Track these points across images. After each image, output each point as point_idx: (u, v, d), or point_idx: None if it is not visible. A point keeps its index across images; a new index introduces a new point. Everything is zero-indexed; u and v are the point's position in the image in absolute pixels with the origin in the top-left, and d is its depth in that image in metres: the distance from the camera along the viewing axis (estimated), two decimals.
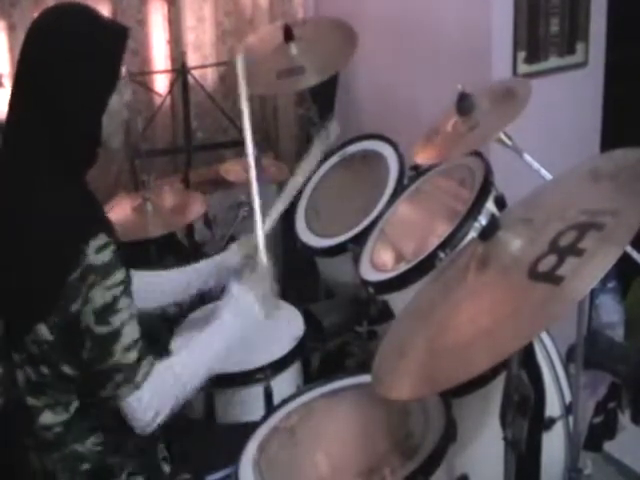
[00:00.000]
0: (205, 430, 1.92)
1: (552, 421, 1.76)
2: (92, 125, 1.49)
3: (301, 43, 2.62)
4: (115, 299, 1.42)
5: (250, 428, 1.72)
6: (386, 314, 1.96)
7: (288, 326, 2.15)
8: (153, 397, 1.46)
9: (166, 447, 1.67)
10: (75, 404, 1.51)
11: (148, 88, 2.86)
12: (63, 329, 1.43)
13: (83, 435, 1.52)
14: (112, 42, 1.49)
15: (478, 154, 1.99)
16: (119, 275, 1.43)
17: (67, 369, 1.47)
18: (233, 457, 1.63)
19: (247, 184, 2.71)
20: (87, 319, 1.41)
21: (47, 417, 1.50)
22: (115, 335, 1.42)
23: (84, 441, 1.52)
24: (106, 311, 1.41)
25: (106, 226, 1.48)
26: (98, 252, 1.40)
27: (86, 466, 1.52)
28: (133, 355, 1.44)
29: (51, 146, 1.45)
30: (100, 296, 1.40)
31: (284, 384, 2.00)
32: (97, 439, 1.52)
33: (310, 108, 2.79)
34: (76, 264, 1.38)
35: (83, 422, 1.52)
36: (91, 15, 1.51)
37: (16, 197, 1.46)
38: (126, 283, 1.45)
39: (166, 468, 1.63)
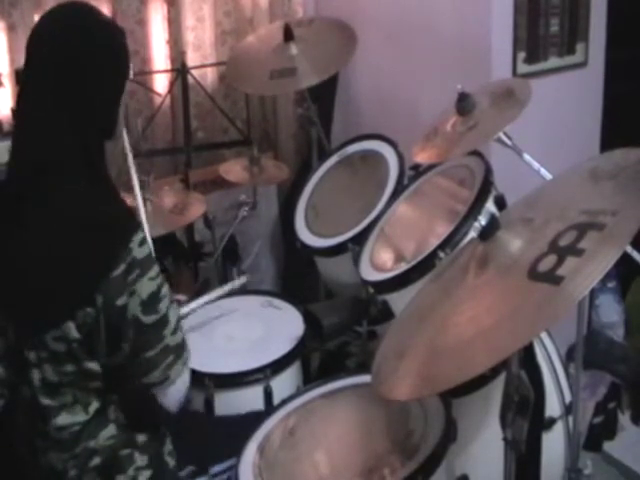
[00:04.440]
0: (206, 422, 1.93)
1: (552, 421, 1.76)
2: (112, 119, 1.52)
3: (301, 43, 2.62)
4: (159, 288, 1.46)
5: (250, 419, 1.72)
6: (386, 314, 1.96)
7: (288, 326, 2.15)
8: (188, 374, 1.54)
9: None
10: (95, 405, 1.50)
11: (148, 88, 2.86)
12: (99, 325, 1.43)
13: (97, 430, 1.52)
14: (123, 38, 1.54)
15: (478, 154, 1.99)
16: (157, 265, 1.47)
17: (94, 366, 1.47)
18: (235, 448, 1.64)
19: (247, 184, 2.76)
20: (134, 311, 1.43)
21: (63, 418, 1.49)
22: (163, 321, 1.47)
23: (97, 436, 1.52)
24: (153, 300, 1.44)
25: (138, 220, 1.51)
26: (141, 245, 1.43)
27: (96, 461, 1.52)
28: (180, 335, 1.50)
29: (76, 142, 1.46)
30: (146, 287, 1.43)
31: (284, 384, 2.00)
32: (109, 432, 1.53)
33: (310, 108, 2.79)
34: (122, 259, 1.40)
35: (100, 419, 1.52)
36: (100, 13, 1.55)
37: (50, 196, 1.45)
38: (161, 271, 1.50)
39: (171, 462, 1.63)
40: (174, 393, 1.52)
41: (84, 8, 1.53)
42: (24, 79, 1.52)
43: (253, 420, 1.79)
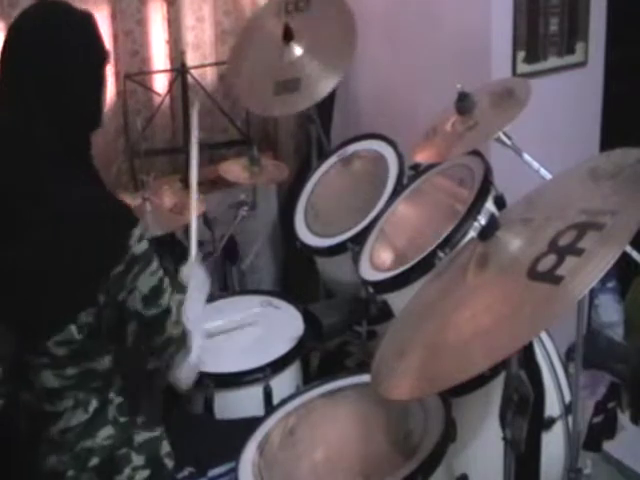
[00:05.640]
0: (205, 425, 1.93)
1: (552, 421, 1.76)
2: (96, 107, 1.53)
3: (301, 42, 2.62)
4: (161, 281, 1.48)
5: (250, 424, 1.72)
6: (386, 314, 1.96)
7: (288, 326, 2.15)
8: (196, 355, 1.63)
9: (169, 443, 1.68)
10: (94, 404, 1.51)
11: (147, 88, 2.86)
12: (100, 322, 1.44)
13: (95, 430, 1.52)
14: (96, 26, 1.54)
15: (478, 154, 1.99)
16: (156, 258, 1.49)
17: (96, 365, 1.48)
18: (234, 452, 1.64)
19: (247, 184, 2.76)
20: (135, 305, 1.45)
21: (66, 421, 1.51)
22: (165, 313, 1.51)
23: (95, 435, 1.52)
24: (154, 294, 1.47)
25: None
26: (139, 241, 1.44)
27: (94, 461, 1.53)
28: (182, 325, 1.55)
29: (64, 139, 1.46)
30: (147, 282, 1.46)
31: (283, 384, 2.00)
32: (107, 432, 1.53)
33: (309, 107, 2.79)
34: (121, 257, 1.41)
35: (98, 418, 1.52)
36: (72, 7, 1.54)
37: (43, 194, 1.44)
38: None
39: (170, 463, 1.63)
40: (182, 374, 1.61)
41: (57, 6, 1.53)
42: (6, 76, 1.49)
43: (254, 425, 1.78)
